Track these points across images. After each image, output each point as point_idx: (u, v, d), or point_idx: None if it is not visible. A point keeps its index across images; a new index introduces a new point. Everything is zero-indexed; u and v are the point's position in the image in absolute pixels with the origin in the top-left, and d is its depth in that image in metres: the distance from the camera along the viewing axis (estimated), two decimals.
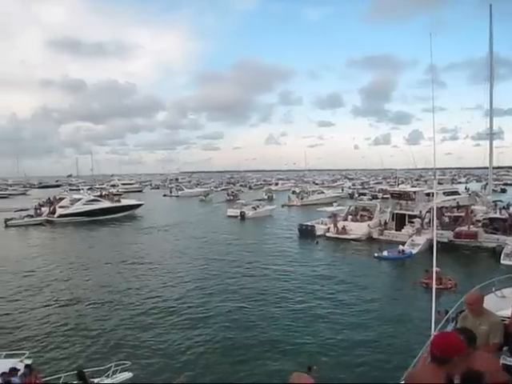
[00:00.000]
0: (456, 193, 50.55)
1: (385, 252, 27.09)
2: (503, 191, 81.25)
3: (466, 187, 74.87)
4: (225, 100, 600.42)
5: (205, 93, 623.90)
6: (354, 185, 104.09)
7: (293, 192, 77.57)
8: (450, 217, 32.48)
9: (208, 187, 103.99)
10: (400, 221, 33.00)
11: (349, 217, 36.26)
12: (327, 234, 34.44)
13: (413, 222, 31.65)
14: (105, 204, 51.82)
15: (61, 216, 47.68)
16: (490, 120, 34.20)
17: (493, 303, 7.42)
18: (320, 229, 35.23)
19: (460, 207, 34.98)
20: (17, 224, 44.90)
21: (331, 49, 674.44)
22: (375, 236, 33.00)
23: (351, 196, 73.90)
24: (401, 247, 27.31)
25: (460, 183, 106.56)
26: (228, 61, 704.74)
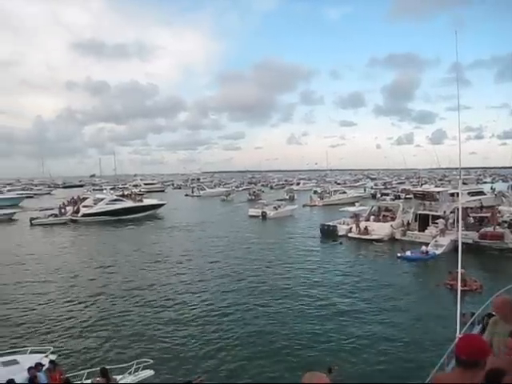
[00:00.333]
0: (481, 193, 49.73)
1: (408, 252, 26.82)
2: None
3: (492, 187, 73.40)
4: (246, 100, 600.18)
5: (226, 93, 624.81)
6: (377, 185, 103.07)
7: (314, 192, 77.27)
8: (475, 217, 31.96)
9: (229, 187, 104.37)
10: (423, 221, 32.58)
11: (371, 217, 35.97)
12: (349, 235, 34.27)
13: (436, 223, 31.21)
14: (127, 204, 52.47)
15: (84, 215, 48.56)
16: None
17: None
18: (342, 229, 35.08)
19: (484, 207, 34.33)
20: (42, 223, 45.95)
21: (353, 48, 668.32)
22: (398, 237, 32.68)
23: (373, 196, 73.16)
24: (424, 248, 26.97)
25: (485, 183, 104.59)
26: (249, 61, 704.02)
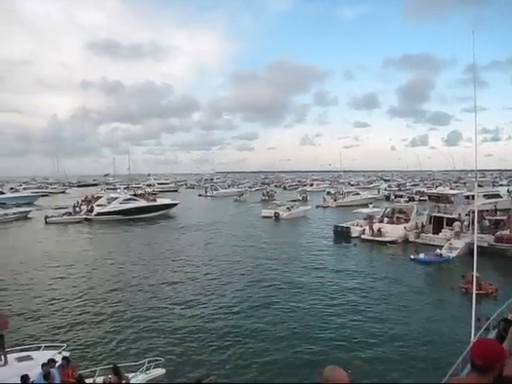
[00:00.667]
0: (497, 196, 49.08)
1: (421, 255, 26.57)
2: None
3: (509, 190, 72.46)
4: (260, 100, 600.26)
5: (240, 93, 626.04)
6: (390, 186, 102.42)
7: (328, 193, 76.93)
8: (491, 220, 31.56)
9: (243, 187, 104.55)
10: (438, 224, 32.26)
11: (385, 219, 35.70)
12: (362, 236, 34.09)
13: (451, 226, 30.88)
14: (141, 203, 52.76)
15: (98, 214, 48.98)
16: None
17: None
18: (355, 231, 34.94)
19: (499, 211, 33.87)
20: (56, 221, 46.55)
21: (367, 48, 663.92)
22: (412, 239, 32.42)
23: (387, 198, 72.64)
24: (438, 251, 26.73)
25: (502, 186, 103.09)
26: (263, 61, 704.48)
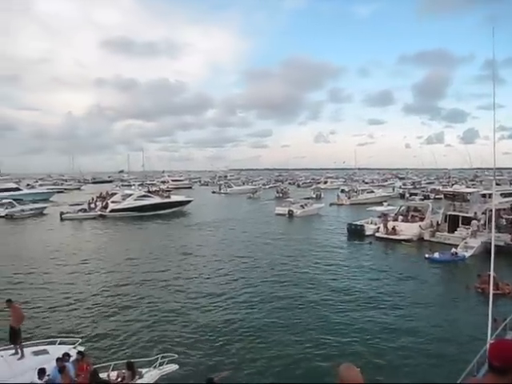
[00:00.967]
0: None
1: (436, 254, 26.36)
2: None
3: None
4: (274, 98, 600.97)
5: (254, 91, 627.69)
6: (405, 184, 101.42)
7: (342, 191, 76.75)
8: (508, 219, 31.13)
9: (256, 185, 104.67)
10: (453, 222, 31.94)
11: (399, 217, 35.47)
12: (377, 234, 33.92)
13: (466, 224, 30.54)
14: (155, 200, 53.20)
15: (113, 211, 49.53)
16: None
17: None
18: (369, 229, 34.80)
19: None
20: (71, 217, 47.26)
21: (382, 45, 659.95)
22: (426, 237, 32.18)
23: (402, 196, 72.03)
24: (453, 249, 26.48)
25: None
26: (277, 59, 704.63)
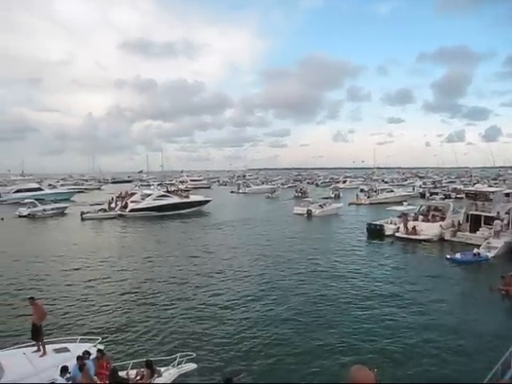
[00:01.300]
0: None
1: (458, 254, 26.05)
2: None
3: None
4: (292, 97, 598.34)
5: (272, 90, 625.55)
6: (426, 183, 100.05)
7: (361, 190, 76.35)
8: None
9: (275, 184, 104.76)
10: (475, 222, 31.54)
11: (420, 217, 35.18)
12: (396, 234, 33.70)
13: (488, 224, 30.14)
14: (174, 200, 53.63)
15: (132, 210, 50.08)
16: None
17: None
18: (389, 228, 34.58)
19: None
20: (92, 217, 48.03)
21: (401, 43, 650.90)
22: (447, 237, 31.86)
23: (422, 195, 71.04)
24: (476, 250, 26.14)
25: None
26: (295, 58, 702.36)
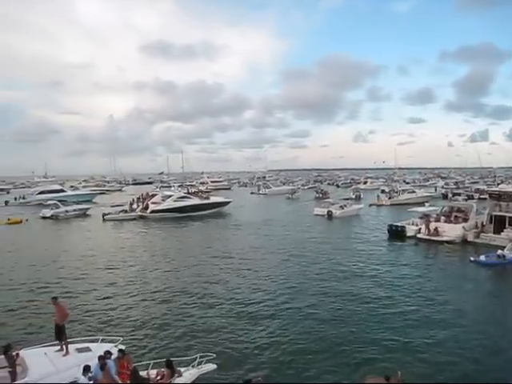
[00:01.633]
0: None
1: (482, 256, 25.58)
2: None
3: None
4: (311, 97, 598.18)
5: (291, 91, 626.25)
6: (448, 184, 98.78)
7: (382, 191, 75.80)
8: None
9: (295, 185, 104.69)
10: (499, 223, 31.03)
11: (442, 218, 34.69)
12: (418, 236, 33.32)
13: None
14: (194, 201, 54.06)
15: (153, 212, 50.55)
16: None
17: None
18: (411, 230, 34.21)
19: None
20: (113, 218, 48.87)
21: (421, 42, 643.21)
22: (470, 239, 31.35)
23: (444, 196, 70.31)
24: (500, 252, 25.62)
25: None
26: (314, 58, 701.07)
